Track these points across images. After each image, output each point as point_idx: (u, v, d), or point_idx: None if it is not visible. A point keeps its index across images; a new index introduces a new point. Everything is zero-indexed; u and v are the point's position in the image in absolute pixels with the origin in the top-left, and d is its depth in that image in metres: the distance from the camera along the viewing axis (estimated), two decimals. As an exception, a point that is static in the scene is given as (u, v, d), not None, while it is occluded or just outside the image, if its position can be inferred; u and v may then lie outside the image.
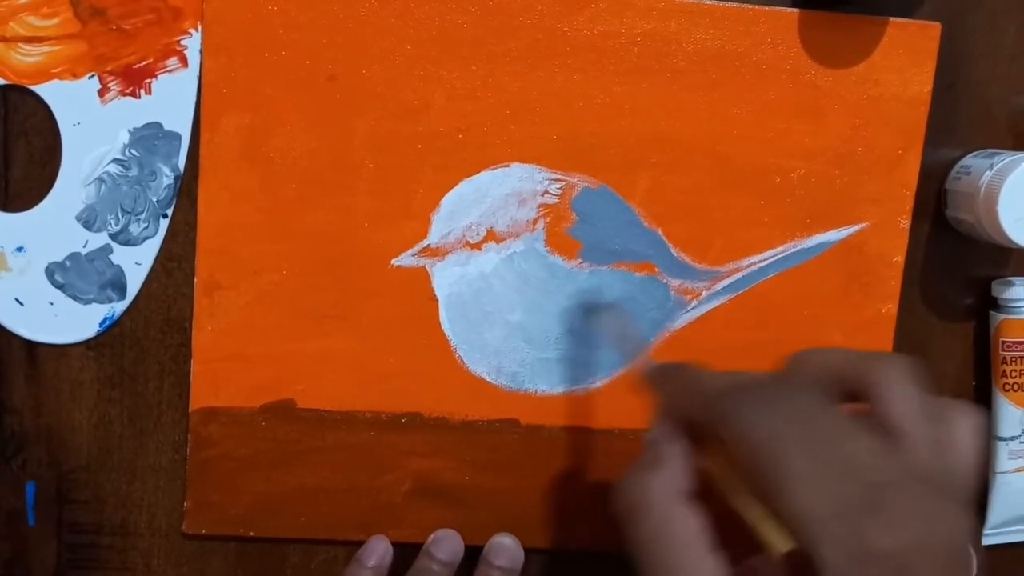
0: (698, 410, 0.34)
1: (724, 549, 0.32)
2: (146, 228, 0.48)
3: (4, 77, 0.46)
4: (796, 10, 0.49)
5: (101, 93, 0.46)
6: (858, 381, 0.33)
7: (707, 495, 0.34)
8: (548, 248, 0.49)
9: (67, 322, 0.48)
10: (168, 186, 0.47)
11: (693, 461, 0.34)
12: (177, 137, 0.47)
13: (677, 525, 0.32)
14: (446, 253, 0.49)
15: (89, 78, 0.46)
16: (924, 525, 0.28)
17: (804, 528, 0.28)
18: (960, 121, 0.51)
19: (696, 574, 0.32)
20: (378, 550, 0.50)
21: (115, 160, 0.47)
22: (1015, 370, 0.52)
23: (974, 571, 0.31)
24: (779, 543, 0.31)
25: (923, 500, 0.29)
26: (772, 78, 0.49)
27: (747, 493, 0.32)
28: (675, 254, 0.50)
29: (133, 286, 0.48)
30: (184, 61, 0.47)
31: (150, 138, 0.47)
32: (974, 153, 0.51)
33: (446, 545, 0.50)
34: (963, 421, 0.32)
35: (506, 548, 0.50)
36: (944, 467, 0.31)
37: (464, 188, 0.48)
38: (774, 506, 0.30)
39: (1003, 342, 0.52)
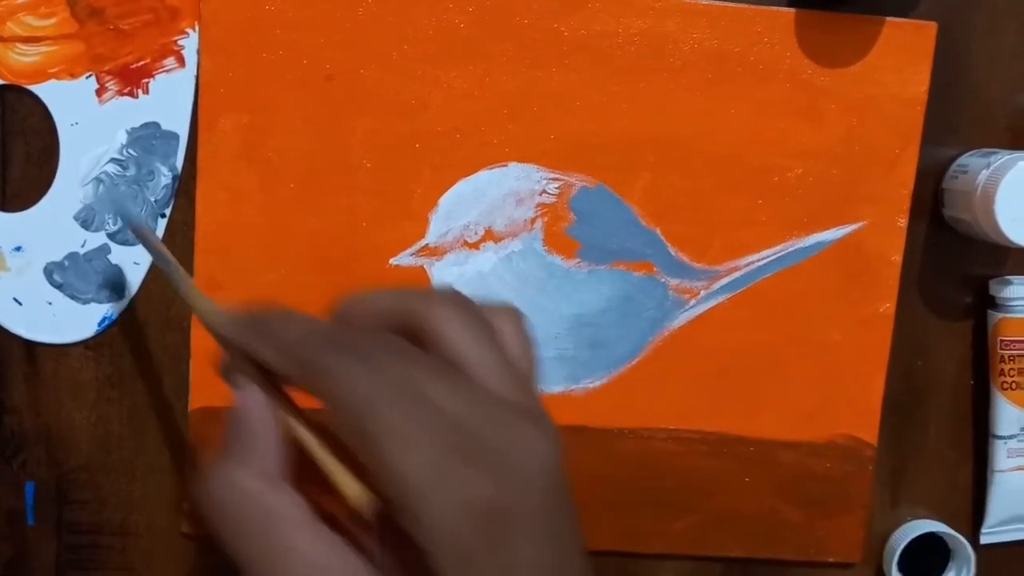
0: (285, 365, 0.31)
1: (329, 520, 0.30)
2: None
3: (2, 77, 0.46)
4: (793, 10, 0.49)
5: (99, 93, 0.46)
6: (408, 322, 0.32)
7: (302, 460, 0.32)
8: (546, 248, 0.49)
9: (66, 322, 0.48)
10: (166, 186, 0.47)
11: (283, 434, 0.32)
12: (175, 137, 0.47)
13: (273, 513, 0.30)
14: (444, 253, 0.49)
15: (87, 78, 0.46)
16: (514, 461, 0.28)
17: (398, 481, 0.28)
18: (957, 120, 0.51)
19: (304, 556, 0.30)
20: None
21: (113, 160, 0.47)
22: (1013, 369, 0.52)
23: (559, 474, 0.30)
24: (361, 497, 0.30)
25: (507, 432, 0.29)
26: (769, 77, 0.49)
27: (331, 454, 0.31)
28: (673, 253, 0.50)
29: (132, 286, 0.48)
30: (181, 61, 0.47)
31: (148, 138, 0.47)
32: (971, 152, 0.51)
33: None
34: (506, 328, 0.32)
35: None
36: (514, 382, 0.31)
37: (462, 188, 0.49)
38: (368, 461, 0.29)
39: (1001, 341, 0.52)
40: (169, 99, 0.47)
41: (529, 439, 0.29)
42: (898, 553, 0.52)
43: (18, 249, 0.47)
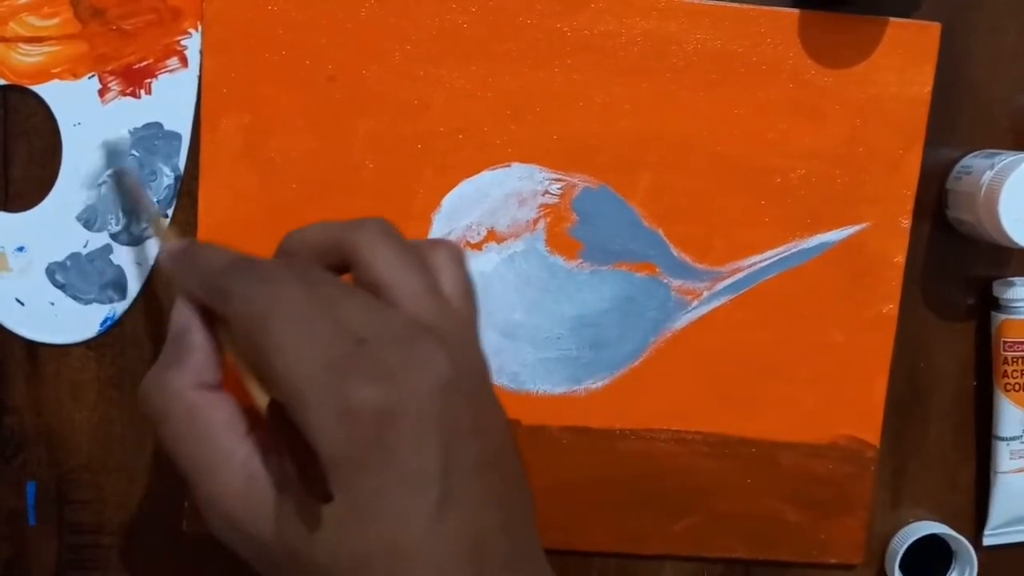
0: (203, 289, 0.33)
1: (261, 428, 0.32)
2: (147, 228, 0.48)
3: (4, 77, 0.46)
4: (796, 10, 0.49)
5: (101, 93, 0.46)
6: (339, 251, 0.33)
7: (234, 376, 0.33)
8: (548, 248, 0.49)
9: (68, 322, 0.48)
10: (168, 186, 0.47)
11: (215, 348, 0.34)
12: (177, 137, 0.47)
13: (202, 417, 0.32)
14: (446, 253, 0.49)
15: (89, 78, 0.46)
16: (407, 372, 0.29)
17: (290, 392, 0.29)
18: (961, 121, 0.51)
19: (229, 463, 0.31)
20: None
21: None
22: (1016, 370, 0.52)
23: (490, 396, 0.32)
24: (262, 399, 0.31)
25: (408, 347, 0.30)
26: (772, 78, 0.49)
27: (245, 363, 0.32)
28: (676, 254, 0.50)
29: (134, 286, 0.48)
30: (184, 61, 0.47)
31: (150, 138, 0.47)
32: (975, 153, 0.51)
33: None
34: (438, 255, 0.34)
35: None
36: (439, 304, 0.32)
37: (464, 188, 0.49)
38: (265, 375, 0.30)
39: (1004, 342, 0.52)
40: (172, 99, 0.47)
41: (425, 353, 0.30)
42: (900, 555, 0.52)
43: (20, 249, 0.47)
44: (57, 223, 0.47)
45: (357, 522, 0.29)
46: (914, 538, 0.52)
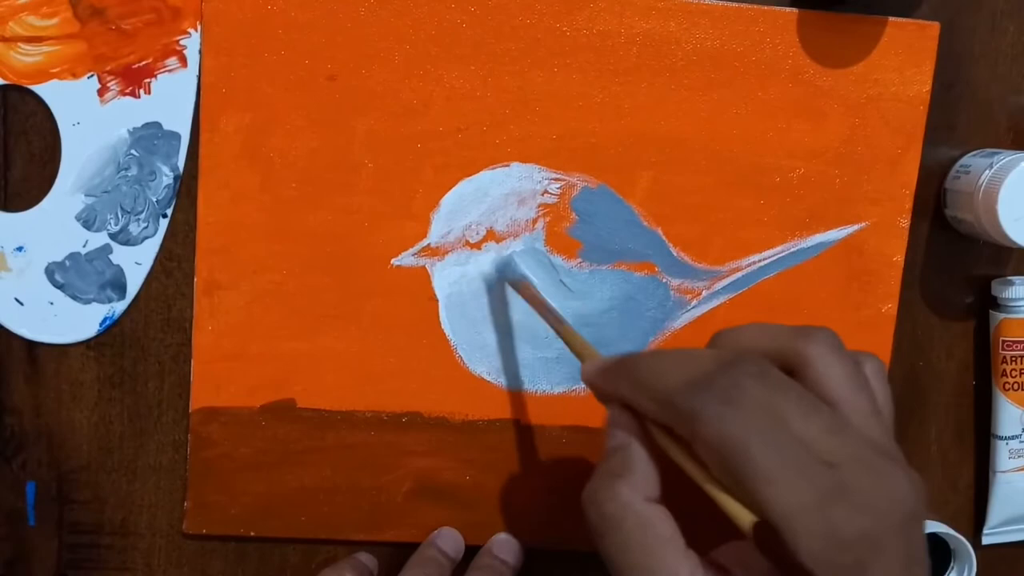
0: (657, 412, 0.33)
1: (693, 546, 0.33)
2: (146, 228, 0.48)
3: (4, 77, 0.46)
4: (795, 10, 0.49)
5: (100, 93, 0.46)
6: (789, 358, 0.33)
7: (667, 491, 0.34)
8: (548, 248, 0.49)
9: (67, 322, 0.48)
10: (168, 186, 0.47)
11: (657, 462, 0.34)
12: (176, 137, 0.47)
13: (652, 531, 0.33)
14: (446, 253, 0.49)
15: (88, 78, 0.46)
16: (883, 500, 0.30)
17: (781, 522, 0.29)
18: (960, 120, 0.51)
19: (677, 574, 0.32)
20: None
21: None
22: (1015, 369, 0.52)
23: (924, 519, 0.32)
24: (745, 517, 0.31)
25: (877, 474, 0.30)
26: (771, 78, 0.49)
27: (709, 478, 0.32)
28: (675, 254, 0.50)
29: (133, 286, 0.48)
30: (183, 61, 0.47)
31: (149, 138, 0.47)
32: (973, 152, 0.51)
33: (450, 540, 0.50)
34: (870, 369, 0.34)
35: (508, 545, 0.50)
36: (881, 429, 0.32)
37: (464, 188, 0.49)
38: (750, 501, 0.30)
39: (1003, 341, 0.52)
40: (171, 99, 0.47)
41: (894, 483, 0.30)
42: (900, 554, 0.52)
43: (19, 249, 0.47)
44: (56, 223, 0.47)
45: None
46: (913, 537, 0.52)
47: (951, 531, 0.52)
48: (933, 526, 0.53)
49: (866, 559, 0.29)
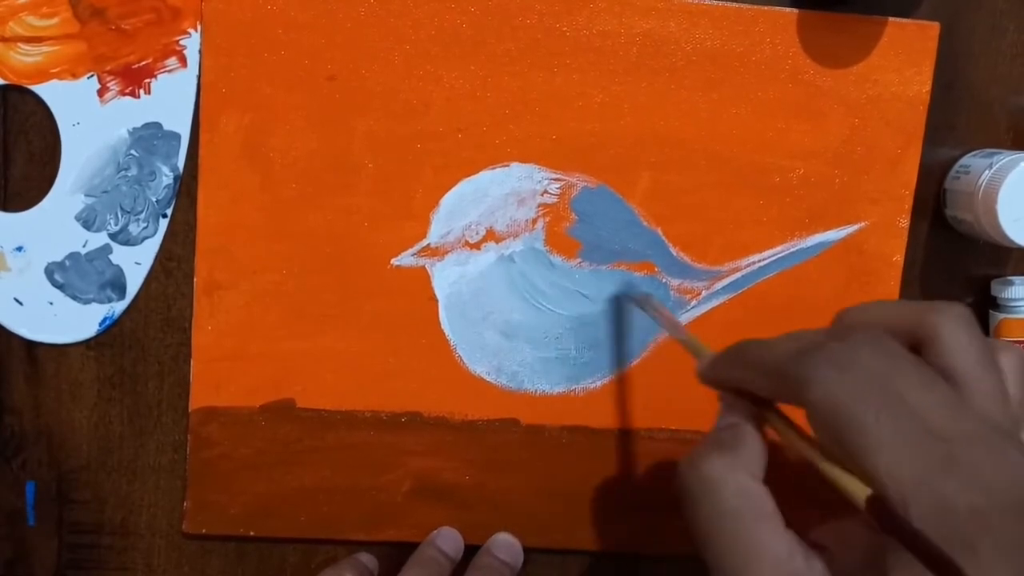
0: (769, 382, 0.33)
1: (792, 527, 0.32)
2: (145, 228, 0.48)
3: (4, 77, 0.46)
4: (795, 10, 0.49)
5: (100, 93, 0.46)
6: (915, 333, 0.33)
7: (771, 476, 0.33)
8: (547, 248, 0.49)
9: (67, 322, 0.48)
10: (167, 186, 0.47)
11: (765, 446, 0.34)
12: (176, 137, 0.47)
13: (754, 501, 0.32)
14: (446, 253, 0.49)
15: (88, 78, 0.46)
16: (998, 479, 0.29)
17: (892, 491, 0.29)
18: (959, 121, 0.51)
19: (773, 549, 0.31)
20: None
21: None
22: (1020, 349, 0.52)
23: None
24: (860, 491, 0.30)
25: (994, 453, 0.29)
26: (771, 78, 0.49)
27: (820, 454, 0.32)
28: (674, 254, 0.50)
29: (133, 286, 0.48)
30: (183, 61, 0.47)
31: (149, 138, 0.47)
32: (973, 152, 0.51)
33: (449, 540, 0.50)
34: (1008, 360, 0.33)
35: (507, 544, 0.50)
36: (1005, 413, 0.31)
37: (463, 188, 0.49)
38: (860, 469, 0.30)
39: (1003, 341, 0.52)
40: (171, 99, 0.47)
41: (1009, 462, 0.30)
42: (899, 554, 0.52)
43: (19, 249, 0.47)
44: (56, 223, 0.47)
45: None
46: (913, 537, 0.52)
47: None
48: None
49: (975, 536, 0.28)
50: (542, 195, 0.49)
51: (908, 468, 0.29)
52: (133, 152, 0.47)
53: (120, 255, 0.48)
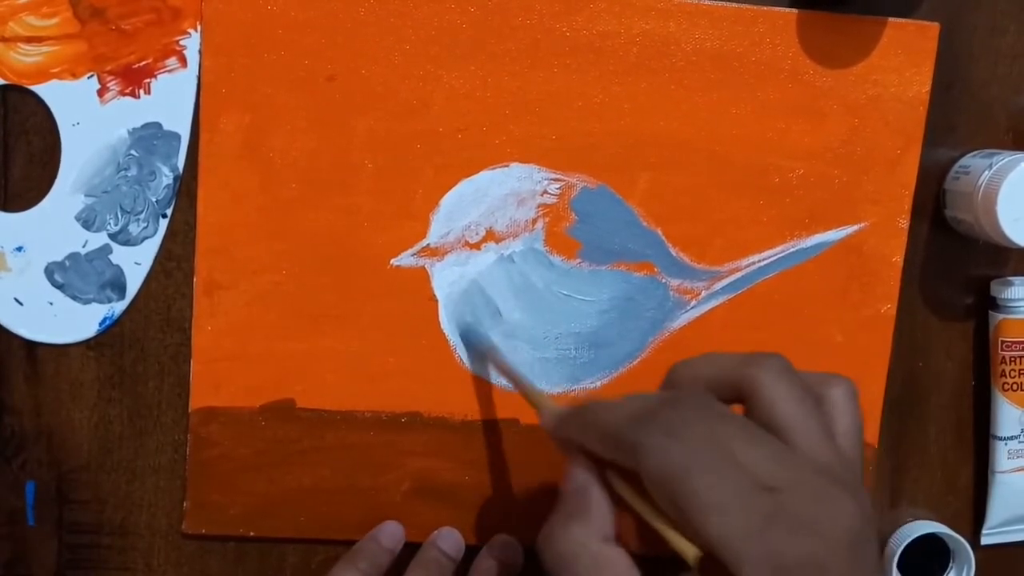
0: (606, 446, 0.34)
1: None
2: (145, 228, 0.48)
3: (4, 77, 0.46)
4: (795, 10, 0.49)
5: (100, 93, 0.46)
6: (738, 387, 0.34)
7: (623, 526, 0.35)
8: (547, 248, 0.49)
9: (67, 322, 0.48)
10: (167, 186, 0.47)
11: (613, 506, 0.35)
12: (176, 137, 0.47)
13: (608, 569, 0.33)
14: (445, 253, 0.49)
15: (88, 78, 0.46)
16: (826, 523, 0.30)
17: (723, 552, 0.30)
18: (959, 121, 0.51)
19: None
20: (395, 533, 0.50)
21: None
22: (1014, 370, 0.52)
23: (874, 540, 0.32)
24: (690, 551, 0.32)
25: (820, 498, 0.30)
26: (771, 78, 0.49)
27: (657, 514, 0.33)
28: (674, 254, 0.50)
29: (133, 286, 0.48)
30: (183, 61, 0.47)
31: (149, 138, 0.47)
32: (973, 153, 0.51)
33: (450, 540, 0.50)
34: (836, 393, 0.34)
35: (508, 545, 0.50)
36: (835, 449, 0.33)
37: (463, 188, 0.49)
38: (693, 530, 0.31)
39: (1002, 342, 0.52)
40: (171, 99, 0.47)
41: (838, 507, 0.30)
42: (898, 554, 0.52)
43: (19, 249, 0.47)
44: (56, 223, 0.47)
45: None
46: (912, 537, 0.52)
47: (950, 531, 0.52)
48: (932, 526, 0.53)
49: None
50: (542, 195, 0.49)
51: (737, 525, 0.29)
52: (133, 152, 0.47)
53: (120, 255, 0.48)
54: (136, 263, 0.48)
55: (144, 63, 0.46)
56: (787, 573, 0.29)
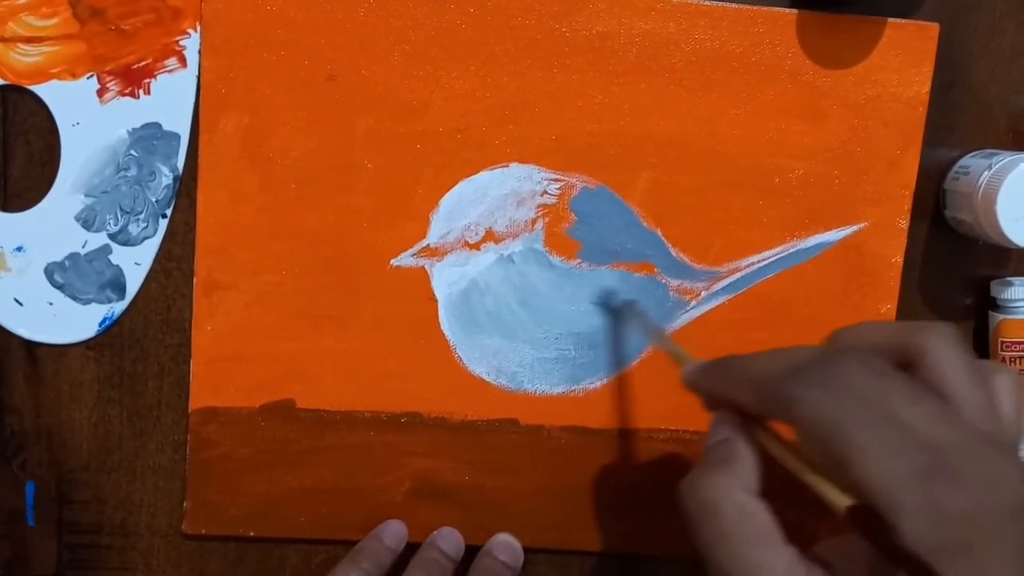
0: (756, 400, 0.34)
1: (793, 542, 0.33)
2: (145, 228, 0.48)
3: (3, 77, 0.46)
4: (794, 10, 0.49)
5: (100, 93, 0.46)
6: (906, 352, 0.33)
7: (770, 489, 0.34)
8: (547, 248, 0.49)
9: (67, 322, 0.48)
10: (167, 186, 0.47)
11: (760, 459, 0.34)
12: (176, 137, 0.47)
13: (752, 520, 0.33)
14: (445, 253, 0.49)
15: (88, 78, 0.46)
16: (989, 483, 0.29)
17: (881, 498, 0.29)
18: (959, 121, 0.51)
19: (775, 566, 0.32)
20: (398, 532, 0.50)
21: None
22: (1014, 370, 0.52)
23: None
24: (841, 501, 0.31)
25: (985, 460, 0.30)
26: (771, 78, 0.49)
27: (806, 466, 0.32)
28: (674, 254, 0.50)
29: (132, 286, 0.48)
30: (183, 61, 0.47)
31: (149, 138, 0.47)
32: (973, 153, 0.51)
33: (450, 541, 0.50)
34: (1000, 380, 0.34)
35: (508, 545, 0.50)
36: (995, 427, 0.32)
37: (463, 188, 0.49)
38: (850, 481, 0.30)
39: (1002, 342, 0.52)
40: (170, 99, 0.47)
41: (999, 469, 0.30)
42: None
43: (19, 249, 0.47)
44: (56, 223, 0.47)
45: None
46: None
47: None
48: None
49: (972, 539, 0.28)
50: (542, 195, 0.49)
51: (897, 475, 0.29)
52: (133, 152, 0.47)
53: (120, 255, 0.48)
54: (136, 263, 0.48)
55: (144, 63, 0.46)
56: (946, 525, 0.28)
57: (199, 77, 0.47)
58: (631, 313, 0.49)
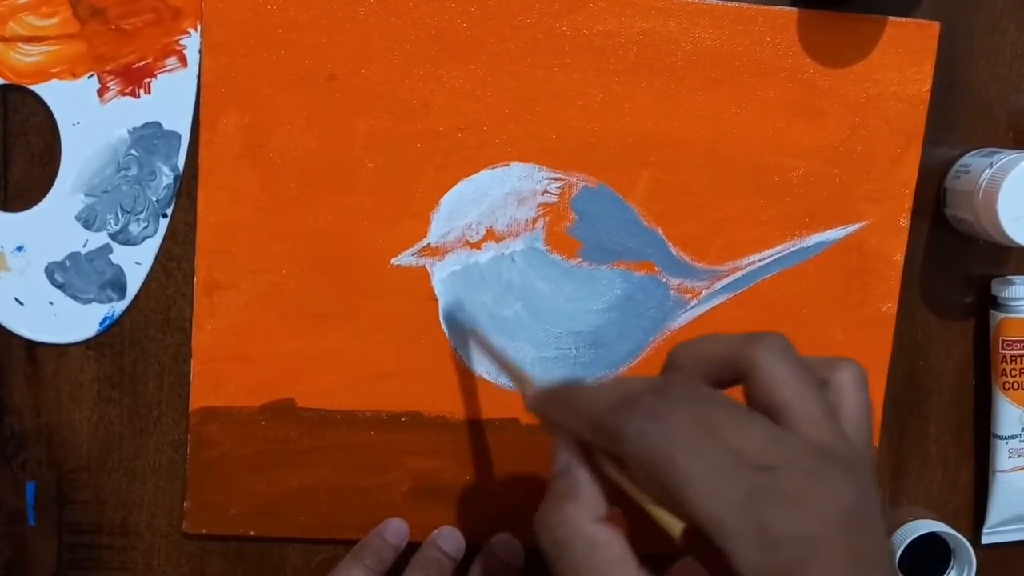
0: (589, 431, 0.34)
1: (645, 564, 0.33)
2: (146, 228, 0.48)
3: (4, 77, 0.46)
4: (795, 9, 0.49)
5: (100, 93, 0.46)
6: (734, 366, 0.33)
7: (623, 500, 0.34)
8: (548, 247, 0.49)
9: (67, 322, 0.48)
10: (168, 186, 0.47)
11: (602, 484, 0.34)
12: (176, 137, 0.47)
13: (603, 552, 0.33)
14: (446, 252, 0.49)
15: (88, 78, 0.46)
16: (818, 501, 0.29)
17: (709, 526, 0.29)
18: (959, 120, 0.51)
19: None
20: (400, 529, 0.50)
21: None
22: (1015, 369, 0.52)
23: (882, 523, 0.32)
24: (676, 526, 0.31)
25: (815, 476, 0.30)
26: (771, 77, 0.49)
27: (643, 493, 0.33)
28: (675, 253, 0.50)
29: (133, 286, 0.48)
30: (183, 61, 0.47)
31: (149, 138, 0.47)
32: (973, 152, 0.51)
33: (451, 540, 0.50)
34: (843, 376, 0.34)
35: (509, 545, 0.50)
36: (832, 434, 0.32)
37: (464, 187, 0.49)
38: (680, 513, 0.30)
39: (1003, 341, 0.52)
40: (171, 99, 0.47)
41: (831, 484, 0.30)
42: (899, 553, 0.52)
43: (19, 249, 0.47)
44: (56, 223, 0.47)
45: None
46: (913, 536, 0.52)
47: (951, 530, 0.52)
48: (933, 525, 0.53)
49: (803, 558, 0.29)
50: (542, 195, 0.49)
51: (723, 498, 0.29)
52: (133, 152, 0.47)
53: (120, 255, 0.48)
54: (136, 263, 0.48)
55: (144, 63, 0.46)
56: (774, 547, 0.28)
57: (199, 76, 0.47)
58: (474, 338, 0.49)
